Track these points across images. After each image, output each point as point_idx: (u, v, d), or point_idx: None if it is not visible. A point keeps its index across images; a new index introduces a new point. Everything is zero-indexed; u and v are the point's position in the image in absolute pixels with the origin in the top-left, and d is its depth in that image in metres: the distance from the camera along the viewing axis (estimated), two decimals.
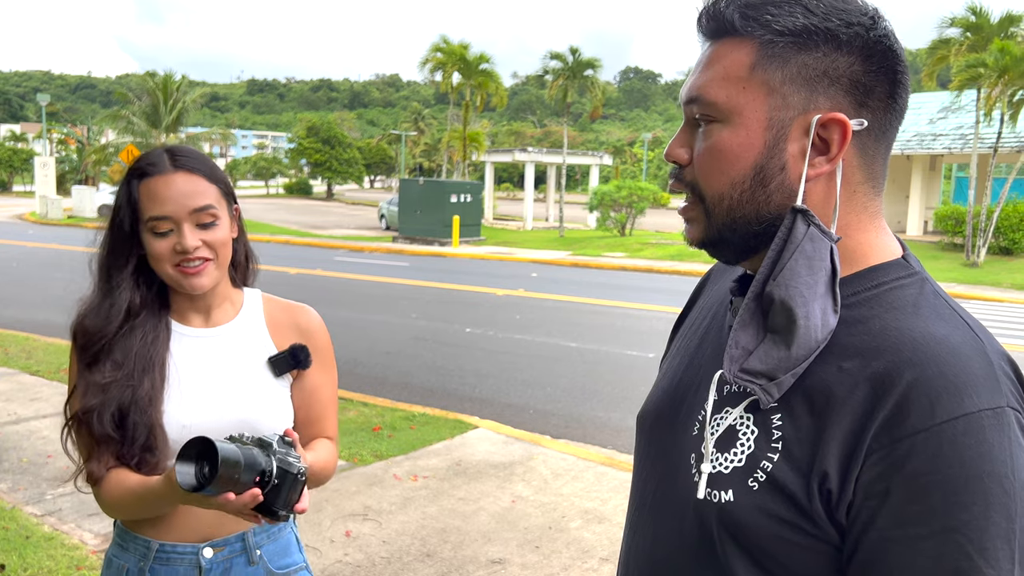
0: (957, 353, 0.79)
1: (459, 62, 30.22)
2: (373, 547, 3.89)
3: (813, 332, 0.83)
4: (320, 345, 1.63)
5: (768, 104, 0.85)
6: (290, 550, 1.64)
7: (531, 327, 10.54)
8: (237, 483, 1.20)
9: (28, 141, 59.45)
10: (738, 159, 0.86)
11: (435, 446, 5.41)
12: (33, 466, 4.80)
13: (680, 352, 1.06)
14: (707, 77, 0.88)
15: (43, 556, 3.64)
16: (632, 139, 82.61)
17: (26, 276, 14.58)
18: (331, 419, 1.66)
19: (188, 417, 1.49)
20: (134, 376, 1.47)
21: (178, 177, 1.47)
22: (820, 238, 0.84)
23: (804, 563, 0.82)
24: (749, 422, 0.86)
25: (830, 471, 0.79)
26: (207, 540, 1.53)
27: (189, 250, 1.45)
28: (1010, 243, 19.71)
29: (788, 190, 0.86)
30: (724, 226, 0.89)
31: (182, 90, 34.17)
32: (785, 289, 0.83)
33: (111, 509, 1.51)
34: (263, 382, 1.55)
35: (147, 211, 1.46)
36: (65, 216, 30.92)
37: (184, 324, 1.56)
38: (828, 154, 0.85)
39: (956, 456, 0.75)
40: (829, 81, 0.84)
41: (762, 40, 0.85)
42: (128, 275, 1.51)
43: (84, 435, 1.48)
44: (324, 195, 55.40)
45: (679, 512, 0.91)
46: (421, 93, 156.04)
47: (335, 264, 18.08)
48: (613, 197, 25.51)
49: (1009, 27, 19.14)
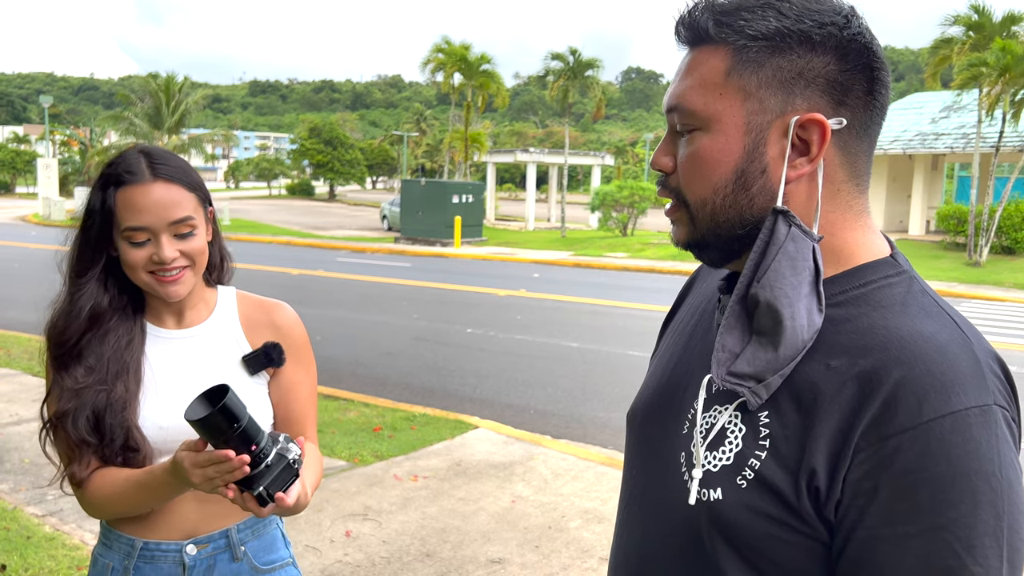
0: (944, 351, 0.80)
1: (460, 63, 30.24)
2: (373, 547, 3.89)
3: (799, 332, 0.83)
4: (296, 342, 1.61)
5: (745, 109, 0.86)
6: (275, 546, 1.62)
7: (532, 327, 10.55)
8: (233, 438, 1.19)
9: (31, 143, 59.59)
10: (719, 165, 0.87)
11: (435, 446, 5.42)
12: (35, 467, 4.82)
13: (669, 350, 1.07)
14: (685, 85, 0.89)
15: (44, 556, 3.65)
16: (634, 139, 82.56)
17: (28, 277, 14.60)
18: (311, 417, 1.64)
19: (165, 419, 1.48)
20: (107, 380, 1.45)
21: (156, 187, 1.43)
22: (802, 238, 0.84)
23: (793, 560, 0.82)
24: (737, 420, 0.87)
25: (818, 468, 0.80)
26: (190, 537, 1.52)
27: (167, 261, 1.43)
28: (1012, 242, 19.68)
29: (770, 192, 0.87)
30: (708, 230, 0.90)
31: (184, 91, 34.27)
32: (770, 291, 0.83)
33: (96, 509, 1.50)
34: (238, 381, 1.54)
35: (124, 221, 1.43)
36: (68, 218, 30.96)
37: (158, 326, 1.55)
38: (808, 155, 0.85)
39: (944, 454, 0.75)
40: (805, 82, 0.84)
41: (736, 46, 0.85)
42: (94, 277, 1.49)
43: (62, 439, 1.47)
44: (326, 196, 55.42)
45: (669, 509, 0.92)
46: (423, 94, 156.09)
47: (337, 265, 18.10)
48: (615, 197, 25.51)
49: (1011, 26, 19.10)
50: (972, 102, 21.01)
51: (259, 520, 1.59)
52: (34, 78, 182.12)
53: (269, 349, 1.56)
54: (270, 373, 1.59)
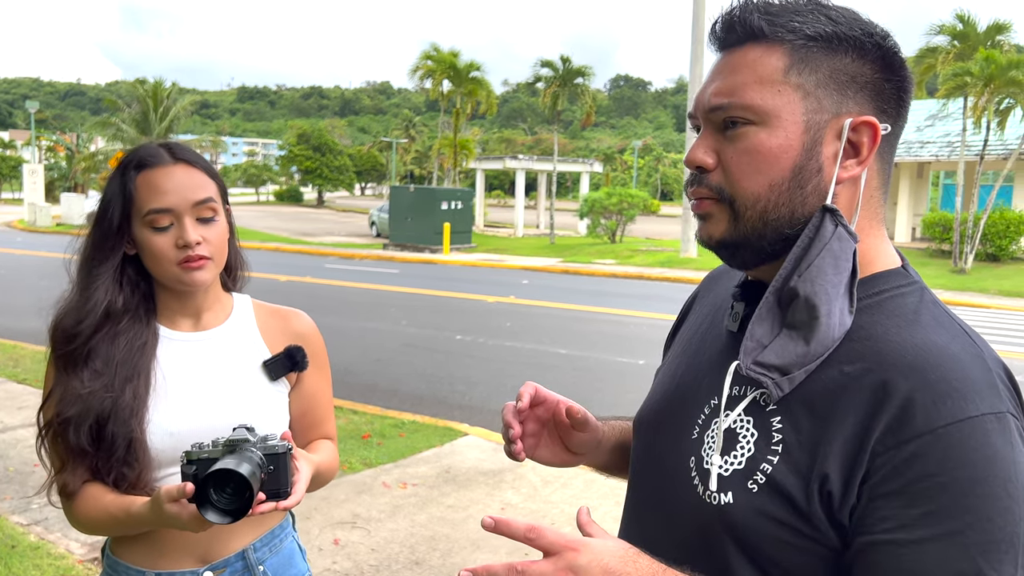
0: (958, 360, 0.81)
1: (449, 70, 30.26)
2: (362, 555, 3.88)
3: (831, 330, 0.84)
4: (315, 349, 1.58)
5: (804, 107, 0.86)
6: (293, 560, 1.58)
7: (521, 334, 10.54)
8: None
9: (17, 148, 59.15)
10: (777, 160, 0.87)
11: (424, 454, 5.41)
12: (19, 475, 4.77)
13: (679, 357, 1.07)
14: (736, 81, 0.88)
15: (29, 566, 3.62)
16: (622, 146, 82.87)
17: (14, 284, 14.49)
18: (331, 420, 1.63)
19: (175, 424, 1.41)
20: (115, 386, 1.38)
21: (178, 169, 1.41)
22: (847, 238, 0.85)
23: (801, 564, 0.83)
24: (749, 425, 0.87)
25: (831, 474, 0.80)
26: (206, 563, 1.45)
27: (191, 244, 1.38)
28: (997, 250, 19.84)
29: (822, 192, 0.87)
30: (753, 229, 0.89)
31: (172, 97, 34.14)
32: (811, 285, 0.84)
33: (83, 526, 1.42)
34: (258, 387, 1.49)
35: (146, 203, 1.38)
36: (54, 224, 30.77)
37: (172, 328, 1.48)
38: (859, 157, 0.87)
39: (962, 459, 0.76)
40: (858, 86, 0.86)
41: (794, 44, 0.86)
42: (109, 272, 1.42)
43: (59, 445, 1.40)
44: (315, 202, 55.31)
45: (678, 513, 0.92)
46: (412, 100, 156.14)
47: (325, 271, 18.04)
48: (603, 204, 25.57)
49: (996, 36, 19.31)
50: (957, 111, 21.19)
51: (275, 535, 1.54)
52: (20, 83, 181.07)
53: (293, 352, 1.52)
54: (291, 380, 1.55)
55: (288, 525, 1.60)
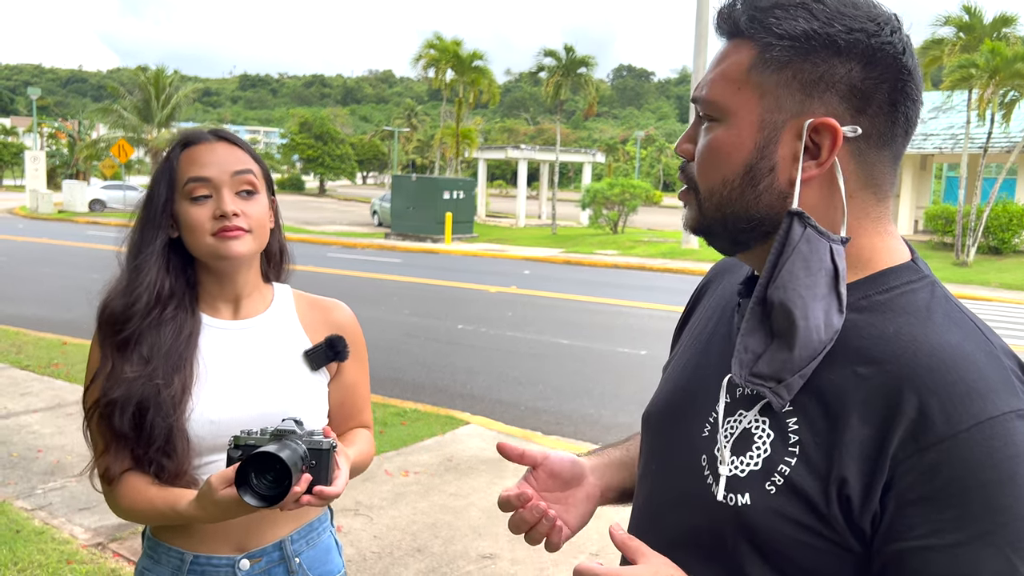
0: (973, 359, 0.80)
1: (452, 59, 30.17)
2: (364, 542, 3.90)
3: (814, 333, 0.83)
4: (356, 340, 1.60)
5: (761, 106, 0.86)
6: (330, 556, 1.58)
7: (523, 324, 10.56)
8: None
9: (18, 135, 59.06)
10: (729, 157, 0.88)
11: (426, 442, 5.43)
12: (23, 460, 4.80)
13: (687, 352, 1.06)
14: (712, 76, 0.90)
15: (33, 550, 3.64)
16: (625, 137, 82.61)
17: (16, 271, 14.51)
18: (368, 410, 1.65)
19: (217, 412, 1.42)
20: (161, 374, 1.39)
21: (220, 145, 1.45)
22: (817, 239, 0.84)
23: (819, 565, 0.82)
24: (765, 425, 0.86)
25: (850, 478, 0.79)
26: (243, 550, 1.46)
27: (228, 214, 1.39)
28: (999, 242, 19.84)
29: (777, 192, 0.87)
30: (714, 220, 0.91)
31: (174, 85, 34.10)
32: (783, 291, 0.84)
33: (125, 513, 1.42)
34: (299, 376, 1.50)
35: (185, 173, 1.42)
36: (56, 211, 30.78)
37: (213, 316, 1.49)
38: (818, 158, 0.85)
39: (988, 459, 0.75)
40: (825, 87, 0.84)
41: (761, 43, 0.86)
42: (156, 253, 1.43)
43: (103, 428, 1.39)
44: (316, 191, 55.27)
45: (689, 511, 0.92)
46: (414, 89, 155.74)
47: (327, 260, 18.05)
48: (606, 195, 25.54)
49: (1002, 28, 19.23)
50: (961, 103, 21.15)
51: (313, 528, 1.55)
52: (22, 70, 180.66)
53: (334, 342, 1.53)
54: (331, 371, 1.56)
55: (326, 519, 1.61)
